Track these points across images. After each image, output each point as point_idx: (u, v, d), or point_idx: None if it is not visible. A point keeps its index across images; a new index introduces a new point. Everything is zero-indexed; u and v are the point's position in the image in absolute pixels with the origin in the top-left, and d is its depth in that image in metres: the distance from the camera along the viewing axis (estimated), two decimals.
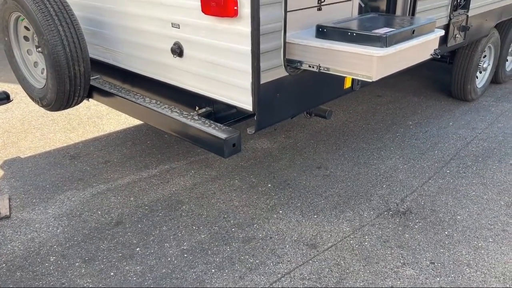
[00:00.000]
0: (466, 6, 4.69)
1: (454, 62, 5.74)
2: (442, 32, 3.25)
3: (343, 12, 3.40)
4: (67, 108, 3.56)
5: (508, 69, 6.69)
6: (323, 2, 3.16)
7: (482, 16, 5.12)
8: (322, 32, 2.92)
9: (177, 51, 3.10)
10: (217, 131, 2.90)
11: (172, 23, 3.05)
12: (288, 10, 2.78)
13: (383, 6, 3.83)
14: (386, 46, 2.66)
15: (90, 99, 3.88)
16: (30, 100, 3.81)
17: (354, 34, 2.77)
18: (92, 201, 3.84)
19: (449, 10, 4.46)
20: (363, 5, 3.60)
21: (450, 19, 4.52)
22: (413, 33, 2.89)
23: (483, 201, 3.83)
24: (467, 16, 4.75)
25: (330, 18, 3.25)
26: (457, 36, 4.71)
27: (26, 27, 3.60)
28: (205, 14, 2.73)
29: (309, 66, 2.97)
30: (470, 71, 5.66)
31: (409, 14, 3.88)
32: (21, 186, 4.07)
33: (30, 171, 4.32)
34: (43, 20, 3.08)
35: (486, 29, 5.38)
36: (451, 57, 5.75)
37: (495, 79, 6.43)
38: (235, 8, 2.56)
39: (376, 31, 2.76)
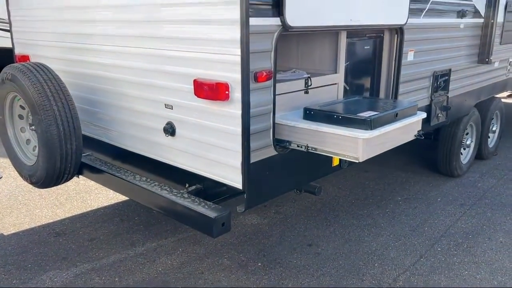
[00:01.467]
0: (446, 88, 4.94)
1: (439, 140, 5.92)
2: (424, 115, 3.40)
3: (329, 94, 3.56)
4: (56, 185, 3.55)
5: (490, 145, 6.90)
6: (309, 85, 3.33)
7: (462, 97, 5.38)
8: (310, 114, 3.04)
9: (170, 130, 3.18)
10: (206, 210, 2.89)
11: (165, 104, 3.15)
12: (276, 93, 2.91)
13: (366, 92, 4.02)
14: (371, 129, 2.77)
15: (80, 176, 3.88)
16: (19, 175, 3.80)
17: (340, 117, 2.88)
18: (75, 282, 3.69)
19: (430, 92, 4.70)
20: (347, 88, 3.78)
21: (432, 99, 4.74)
22: (396, 116, 3.02)
23: (476, 281, 3.77)
24: (447, 97, 4.99)
25: (317, 100, 3.40)
26: (439, 115, 4.91)
27: (21, 106, 3.69)
28: (198, 97, 2.84)
29: (298, 146, 3.05)
30: (454, 148, 5.82)
31: (392, 97, 4.08)
32: (2, 265, 3.92)
33: (12, 249, 4.19)
34: (39, 100, 3.17)
35: (466, 108, 5.63)
36: (436, 134, 5.94)
37: (479, 155, 6.61)
38: (227, 92, 2.68)
39: (361, 114, 2.88)
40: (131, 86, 3.38)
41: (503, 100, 6.92)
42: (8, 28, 4.70)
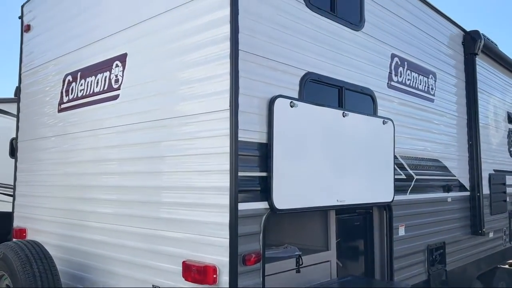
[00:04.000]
0: (442, 261, 4.88)
1: None
2: None
3: (322, 273, 3.51)
4: None
5: None
6: (301, 264, 3.30)
7: (461, 269, 5.26)
8: None
9: None
10: None
11: (153, 285, 3.08)
12: (267, 274, 2.87)
13: (361, 268, 3.97)
14: None
15: None
16: None
17: None
18: None
19: (426, 266, 4.62)
20: (341, 265, 3.74)
21: (429, 274, 4.63)
22: None
23: None
24: (445, 270, 4.88)
25: (310, 280, 3.34)
26: None
27: (7, 285, 3.60)
28: (185, 280, 2.79)
29: None
30: None
31: (387, 274, 4.00)
32: None
33: None
34: (26, 280, 3.12)
35: (468, 281, 5.45)
36: None
37: None
38: (214, 276, 2.65)
39: None
40: (120, 264, 3.36)
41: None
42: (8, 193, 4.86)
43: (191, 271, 2.75)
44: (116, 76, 3.57)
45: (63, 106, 4.21)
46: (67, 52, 4.20)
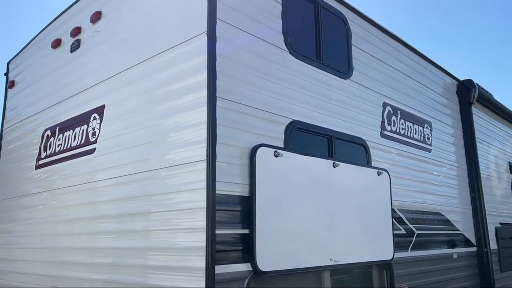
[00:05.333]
0: None
1: None
2: None
3: None
4: None
5: None
6: None
7: None
8: None
9: None
10: None
11: None
12: None
13: None
14: None
15: None
16: None
17: None
18: None
19: None
20: None
21: None
22: None
23: None
24: None
25: None
26: None
27: None
28: None
29: None
30: None
31: None
32: None
33: None
34: None
35: None
36: None
37: None
38: None
39: None
40: None
41: None
42: None
43: None
44: (94, 129, 3.39)
45: (40, 162, 4.00)
46: (47, 106, 4.07)
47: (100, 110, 3.36)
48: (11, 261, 4.16)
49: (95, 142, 3.35)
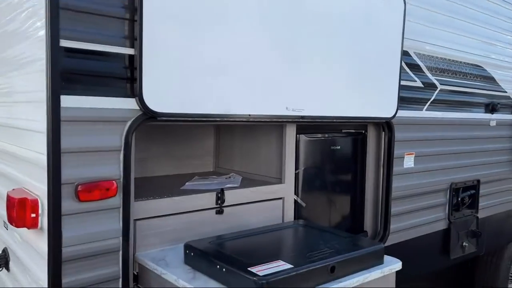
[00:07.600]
0: (473, 206, 3.57)
1: (476, 272, 4.36)
2: (399, 265, 1.98)
3: (268, 214, 2.37)
4: None
5: None
6: (222, 203, 2.17)
7: (500, 218, 3.93)
8: (190, 256, 1.77)
9: (3, 261, 2.11)
10: None
11: (4, 222, 2.12)
12: (153, 215, 1.80)
13: (340, 211, 2.77)
14: None
15: None
16: None
17: (224, 268, 1.60)
18: None
19: (447, 211, 3.34)
20: (304, 205, 2.58)
21: (450, 222, 3.37)
22: (332, 271, 1.69)
23: None
24: (477, 217, 3.58)
25: (237, 225, 2.22)
26: (464, 244, 3.48)
27: None
28: (9, 223, 1.77)
29: None
30: (498, 283, 4.24)
31: (381, 221, 2.78)
32: None
33: None
34: None
35: (510, 233, 4.12)
36: (473, 263, 4.38)
37: None
38: (33, 215, 1.60)
39: (257, 268, 1.61)
40: None
41: None
42: None
43: (9, 208, 1.71)
44: None
45: None
46: None
47: None
48: None
49: None
